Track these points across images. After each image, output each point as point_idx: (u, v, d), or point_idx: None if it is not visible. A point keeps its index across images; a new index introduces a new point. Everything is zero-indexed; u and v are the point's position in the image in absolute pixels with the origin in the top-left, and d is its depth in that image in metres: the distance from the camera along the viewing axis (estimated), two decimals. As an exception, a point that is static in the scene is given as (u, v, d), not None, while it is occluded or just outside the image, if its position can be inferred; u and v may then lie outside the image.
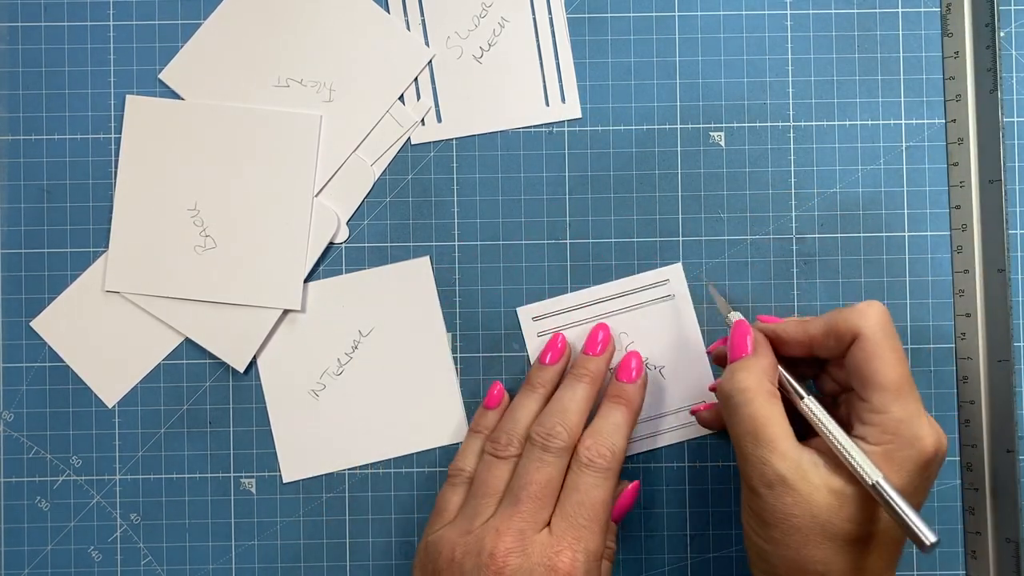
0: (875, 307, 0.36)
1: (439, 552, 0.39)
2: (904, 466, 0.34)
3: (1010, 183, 0.44)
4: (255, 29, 0.44)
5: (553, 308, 0.44)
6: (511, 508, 0.38)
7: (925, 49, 0.44)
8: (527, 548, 0.37)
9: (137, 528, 0.44)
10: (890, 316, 0.36)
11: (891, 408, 0.34)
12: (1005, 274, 0.42)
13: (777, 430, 0.35)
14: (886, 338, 0.35)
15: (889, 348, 0.35)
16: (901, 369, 0.35)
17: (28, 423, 0.44)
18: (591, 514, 0.38)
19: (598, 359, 0.42)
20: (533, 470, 0.39)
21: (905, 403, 0.34)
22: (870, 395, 0.35)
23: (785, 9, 0.44)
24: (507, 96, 0.44)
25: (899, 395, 0.34)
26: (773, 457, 0.34)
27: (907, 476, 0.34)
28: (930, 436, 0.34)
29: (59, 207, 0.44)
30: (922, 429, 0.34)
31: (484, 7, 0.44)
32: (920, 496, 0.35)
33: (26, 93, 0.44)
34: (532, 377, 0.42)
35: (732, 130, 0.44)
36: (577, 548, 0.37)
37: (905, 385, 0.35)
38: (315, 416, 0.44)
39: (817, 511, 0.34)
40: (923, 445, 0.34)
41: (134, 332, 0.44)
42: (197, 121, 0.43)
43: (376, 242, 0.44)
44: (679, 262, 0.44)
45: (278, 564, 0.44)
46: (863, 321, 0.36)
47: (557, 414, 0.40)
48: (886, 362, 0.35)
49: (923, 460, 0.34)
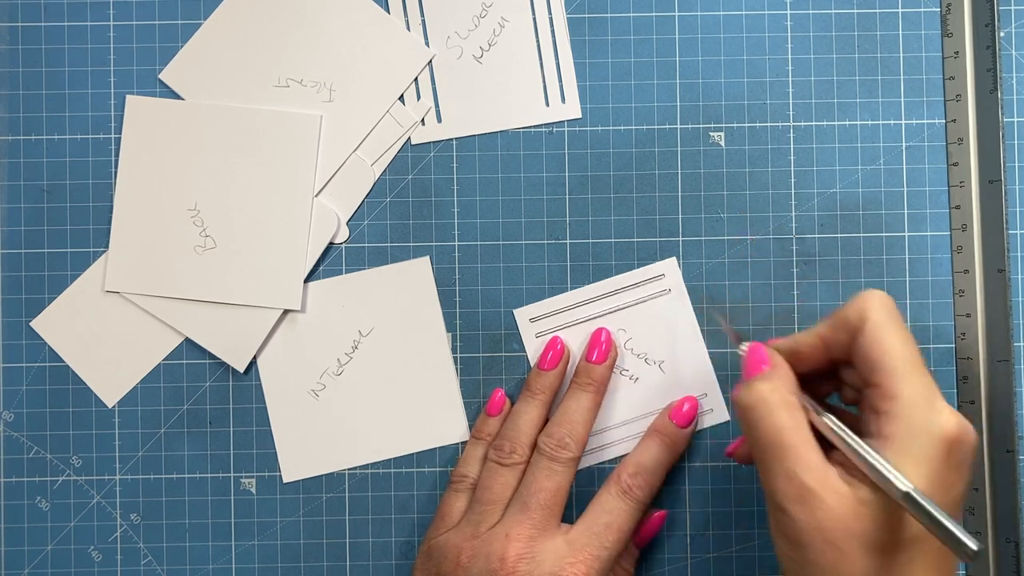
0: (877, 293, 0.35)
1: (444, 556, 0.39)
2: (925, 456, 0.31)
3: (1010, 183, 0.44)
4: (255, 29, 0.44)
5: (550, 308, 0.44)
6: (520, 515, 0.38)
7: (925, 49, 0.44)
8: (537, 555, 0.38)
9: (137, 528, 0.44)
10: (894, 302, 0.35)
11: (902, 390, 0.32)
12: (1005, 274, 0.42)
13: (802, 441, 0.33)
14: (890, 319, 0.34)
15: (894, 329, 0.34)
16: (909, 349, 0.33)
17: (28, 423, 0.44)
18: (616, 539, 0.39)
19: (601, 367, 0.42)
20: (543, 478, 0.39)
21: (916, 384, 0.33)
22: (880, 379, 0.33)
23: (785, 9, 0.44)
24: (507, 96, 0.44)
25: (909, 376, 0.33)
26: (799, 468, 0.32)
27: (931, 469, 0.31)
28: (949, 418, 0.32)
29: (59, 207, 0.44)
30: (938, 411, 0.32)
31: (484, 7, 0.44)
32: (953, 491, 0.32)
33: (26, 93, 0.44)
34: (531, 383, 0.42)
35: (732, 130, 0.44)
36: (592, 565, 0.38)
37: (915, 366, 0.33)
38: (315, 416, 0.44)
39: (851, 523, 0.31)
40: (941, 426, 0.32)
41: (134, 332, 0.44)
42: (197, 121, 0.43)
43: (376, 242, 0.44)
44: (673, 256, 0.44)
45: (278, 564, 0.44)
46: (866, 305, 0.34)
47: (565, 425, 0.40)
48: (892, 344, 0.33)
49: (944, 444, 0.31)
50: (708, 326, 0.44)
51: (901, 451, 0.32)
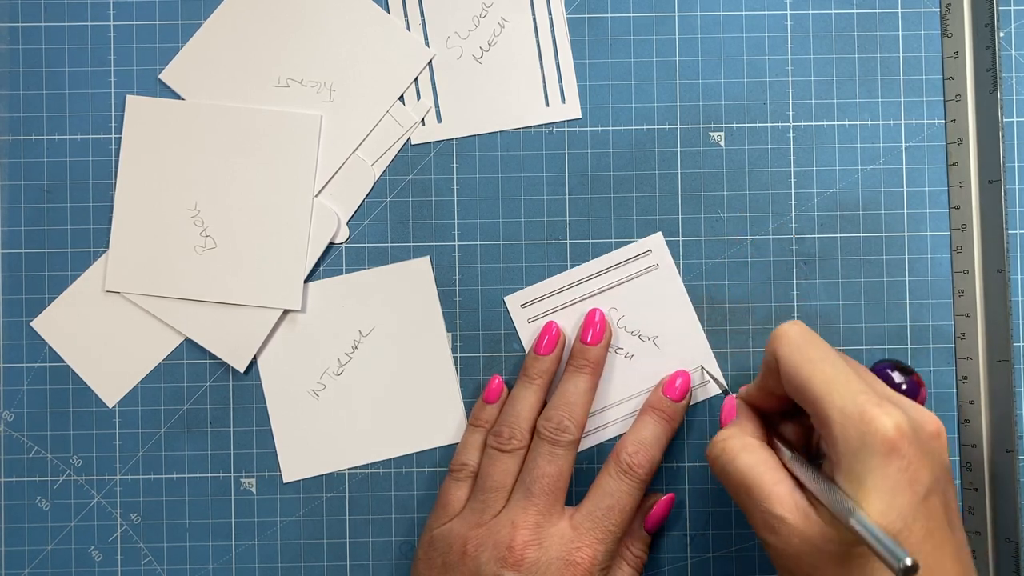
0: (782, 328, 0.35)
1: (449, 546, 0.39)
2: (867, 469, 0.31)
3: (1010, 183, 0.44)
4: (255, 29, 0.44)
5: (541, 292, 0.44)
6: (525, 501, 0.39)
7: (925, 49, 0.44)
8: (544, 541, 0.38)
9: (137, 528, 0.44)
10: (803, 327, 0.35)
11: (829, 413, 0.32)
12: (1005, 274, 0.42)
13: (767, 477, 0.33)
14: (799, 348, 0.34)
15: (805, 357, 0.34)
16: (826, 369, 0.33)
17: (28, 423, 0.44)
18: (620, 520, 0.39)
19: (596, 348, 0.42)
20: (544, 464, 0.39)
21: (842, 402, 0.32)
22: (811, 408, 0.33)
23: (785, 9, 0.44)
24: (507, 96, 0.44)
25: (832, 397, 0.32)
26: (767, 502, 0.33)
27: (878, 480, 0.31)
28: (884, 422, 0.31)
29: (59, 207, 0.44)
30: (869, 421, 0.31)
31: (484, 7, 0.44)
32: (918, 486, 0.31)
33: (26, 93, 0.44)
34: (528, 368, 0.42)
35: (732, 130, 0.44)
36: (598, 548, 0.38)
37: (836, 383, 0.32)
38: (315, 416, 0.44)
39: (821, 544, 0.32)
40: (876, 435, 0.31)
41: (134, 332, 0.44)
42: (197, 121, 0.43)
43: (376, 242, 0.44)
44: (658, 231, 0.44)
45: (278, 564, 0.44)
46: (774, 345, 0.35)
47: (563, 408, 0.40)
48: (805, 371, 0.33)
49: (884, 452, 0.31)
50: (708, 326, 0.44)
51: (847, 473, 0.32)
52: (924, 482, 0.31)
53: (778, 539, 0.33)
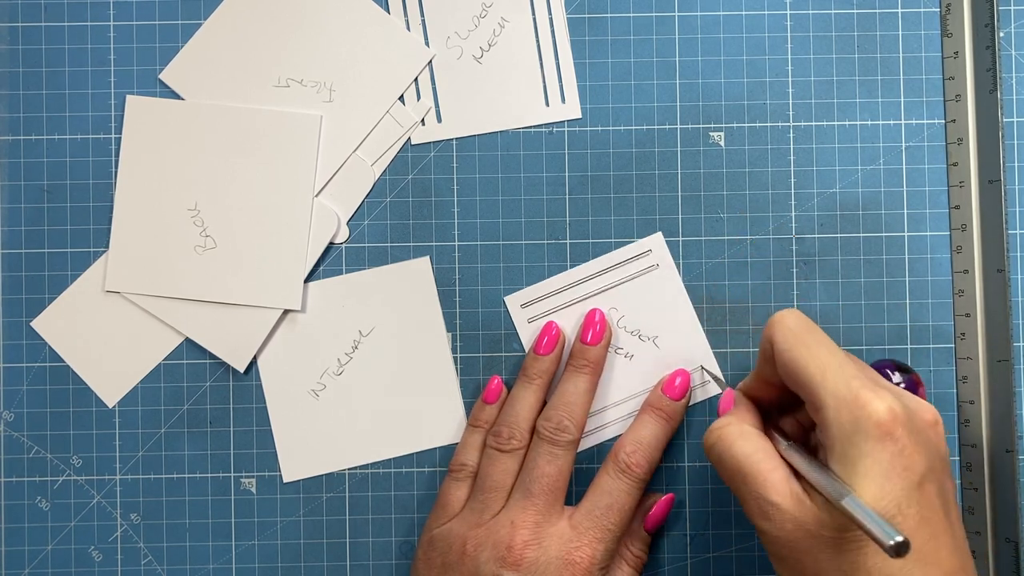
0: (778, 315, 0.35)
1: (449, 546, 0.39)
2: (860, 455, 0.31)
3: (1010, 183, 0.44)
4: (255, 29, 0.44)
5: (541, 292, 0.44)
6: (524, 501, 0.39)
7: (925, 49, 0.44)
8: (543, 541, 0.38)
9: (137, 528, 0.44)
10: (799, 315, 0.35)
11: (823, 398, 0.32)
12: (1005, 274, 0.42)
13: (763, 464, 0.33)
14: (796, 334, 0.34)
15: (800, 343, 0.34)
16: (821, 355, 0.33)
17: (28, 423, 0.44)
18: (619, 519, 0.39)
19: (596, 348, 0.42)
20: (544, 463, 0.39)
21: (836, 387, 0.32)
22: (805, 394, 0.33)
23: (785, 9, 0.44)
24: (507, 96, 0.44)
25: (826, 382, 0.32)
26: (762, 488, 0.33)
27: (871, 464, 0.31)
28: (878, 407, 0.31)
29: (59, 207, 0.44)
30: (863, 405, 0.31)
31: (484, 7, 0.44)
32: (912, 472, 0.31)
33: (26, 93, 0.44)
34: (528, 368, 0.42)
35: (732, 130, 0.44)
36: (598, 547, 0.38)
37: (831, 369, 0.33)
38: (315, 416, 0.44)
39: (815, 529, 0.32)
40: (870, 420, 0.31)
41: (134, 332, 0.44)
42: (197, 121, 0.43)
43: (376, 242, 0.44)
44: (658, 231, 0.44)
45: (278, 564, 0.44)
46: (770, 332, 0.35)
47: (563, 408, 0.40)
48: (800, 357, 0.33)
49: (878, 436, 0.31)
50: (708, 326, 0.44)
51: (841, 457, 0.32)
52: (918, 468, 0.31)
53: (772, 525, 0.33)
